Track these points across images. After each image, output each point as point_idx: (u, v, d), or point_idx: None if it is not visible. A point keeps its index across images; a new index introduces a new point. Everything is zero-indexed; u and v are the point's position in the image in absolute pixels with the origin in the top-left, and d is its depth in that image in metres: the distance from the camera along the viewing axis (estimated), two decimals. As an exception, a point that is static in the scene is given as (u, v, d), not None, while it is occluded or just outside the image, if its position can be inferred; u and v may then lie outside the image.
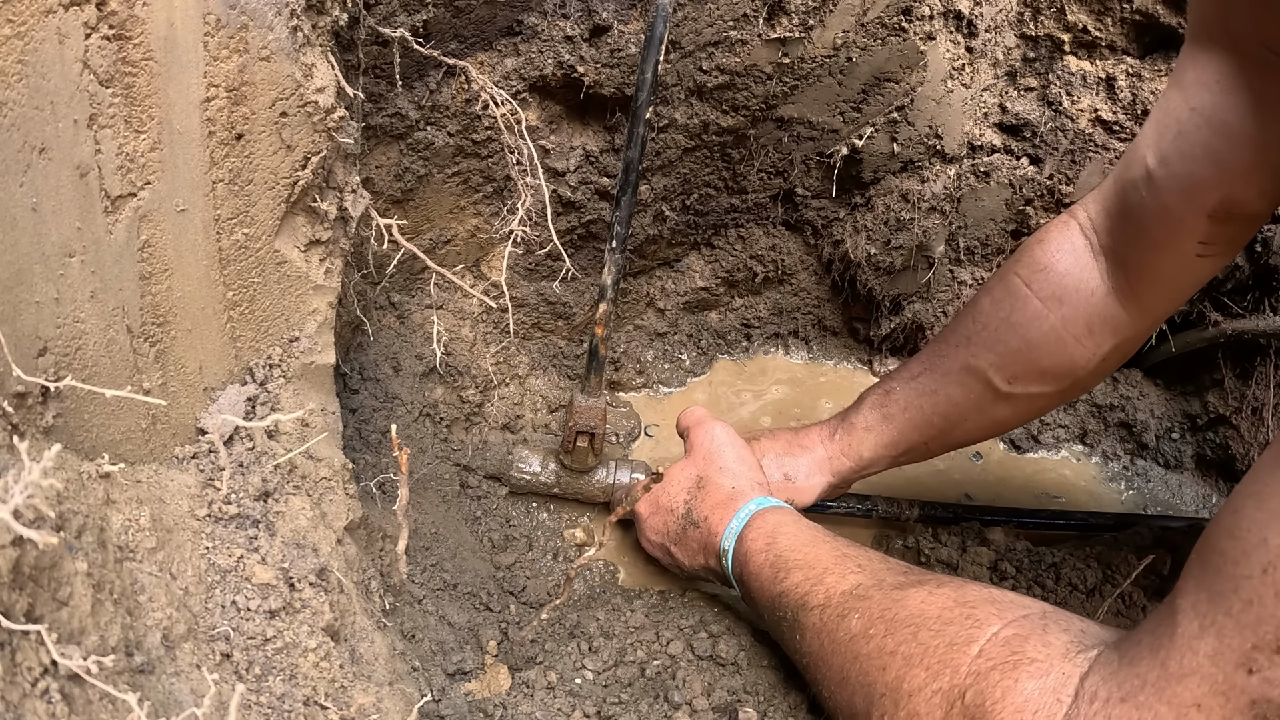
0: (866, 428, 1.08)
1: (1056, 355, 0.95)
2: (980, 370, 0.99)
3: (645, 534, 1.09)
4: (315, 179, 0.68)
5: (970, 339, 1.00)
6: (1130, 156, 0.87)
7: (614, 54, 1.06)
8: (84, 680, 0.41)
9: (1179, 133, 0.81)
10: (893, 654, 0.71)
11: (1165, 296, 0.93)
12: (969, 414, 1.03)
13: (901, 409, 1.06)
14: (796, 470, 1.11)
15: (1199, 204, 0.81)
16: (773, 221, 1.39)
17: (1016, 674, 0.61)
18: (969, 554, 1.13)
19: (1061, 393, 1.00)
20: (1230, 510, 0.54)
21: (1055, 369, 0.96)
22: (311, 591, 0.62)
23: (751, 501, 0.98)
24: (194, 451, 0.66)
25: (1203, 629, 0.52)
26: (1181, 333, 1.32)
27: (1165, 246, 0.86)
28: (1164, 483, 1.40)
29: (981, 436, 1.08)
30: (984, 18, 1.20)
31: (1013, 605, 0.69)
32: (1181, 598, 0.55)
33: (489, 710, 0.86)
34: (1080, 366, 0.96)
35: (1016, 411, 1.03)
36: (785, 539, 0.91)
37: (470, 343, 1.22)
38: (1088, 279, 0.93)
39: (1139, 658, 0.56)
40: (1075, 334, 0.94)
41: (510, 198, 1.15)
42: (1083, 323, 0.94)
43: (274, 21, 0.61)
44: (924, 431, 1.06)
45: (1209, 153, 0.79)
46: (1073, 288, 0.93)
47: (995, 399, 1.00)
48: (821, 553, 0.87)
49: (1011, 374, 0.98)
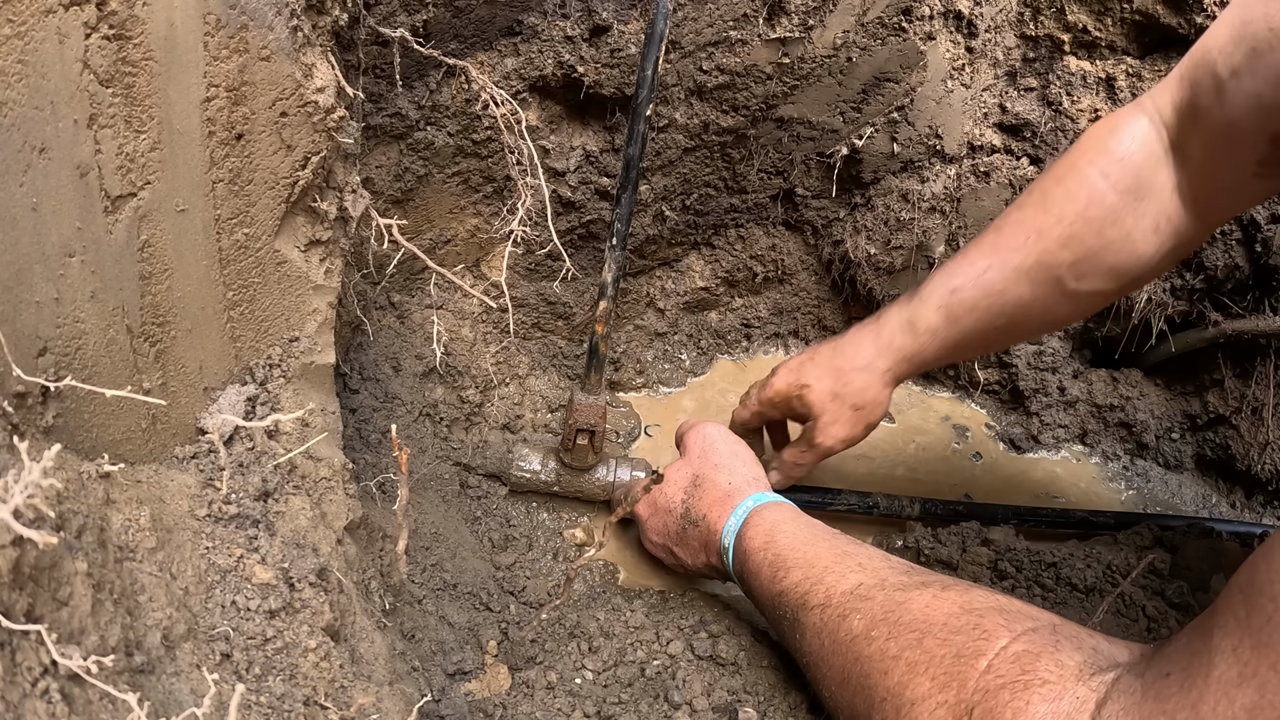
0: (930, 331, 1.01)
1: (1124, 252, 0.91)
2: (1054, 268, 0.93)
3: (647, 535, 1.09)
4: (315, 179, 0.68)
5: (1043, 232, 0.94)
6: (1200, 59, 0.84)
7: (614, 54, 1.06)
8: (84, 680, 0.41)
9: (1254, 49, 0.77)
10: (895, 658, 0.70)
11: (1223, 204, 0.90)
12: (1034, 314, 0.97)
13: (968, 310, 0.98)
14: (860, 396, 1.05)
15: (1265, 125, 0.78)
16: (773, 221, 1.39)
17: (1028, 695, 0.60)
18: (969, 554, 1.13)
19: (1119, 289, 0.96)
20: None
21: (1120, 266, 0.92)
22: (311, 591, 0.62)
23: (749, 498, 0.98)
24: (194, 451, 0.66)
25: (1243, 678, 0.49)
26: (1181, 333, 1.32)
27: (1225, 156, 0.84)
28: (1164, 483, 1.40)
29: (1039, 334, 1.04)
30: (984, 18, 1.20)
31: (1021, 616, 0.67)
32: (1221, 636, 0.51)
33: (489, 710, 0.86)
34: (1143, 264, 0.92)
35: (1076, 309, 0.99)
36: (784, 536, 0.90)
37: (470, 343, 1.22)
38: (1160, 173, 0.89)
39: (1167, 693, 0.53)
40: (1144, 230, 0.90)
41: (510, 198, 1.15)
42: (1152, 218, 0.90)
43: (274, 21, 0.61)
44: (987, 335, 1.00)
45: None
46: (1148, 182, 0.89)
47: (1061, 297, 0.95)
48: (821, 551, 0.86)
49: (1081, 271, 0.93)
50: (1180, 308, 1.31)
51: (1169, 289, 1.30)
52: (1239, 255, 1.23)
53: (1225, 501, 1.37)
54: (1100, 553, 1.12)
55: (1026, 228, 0.95)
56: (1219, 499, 1.37)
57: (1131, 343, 1.36)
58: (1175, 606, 1.03)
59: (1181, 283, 1.29)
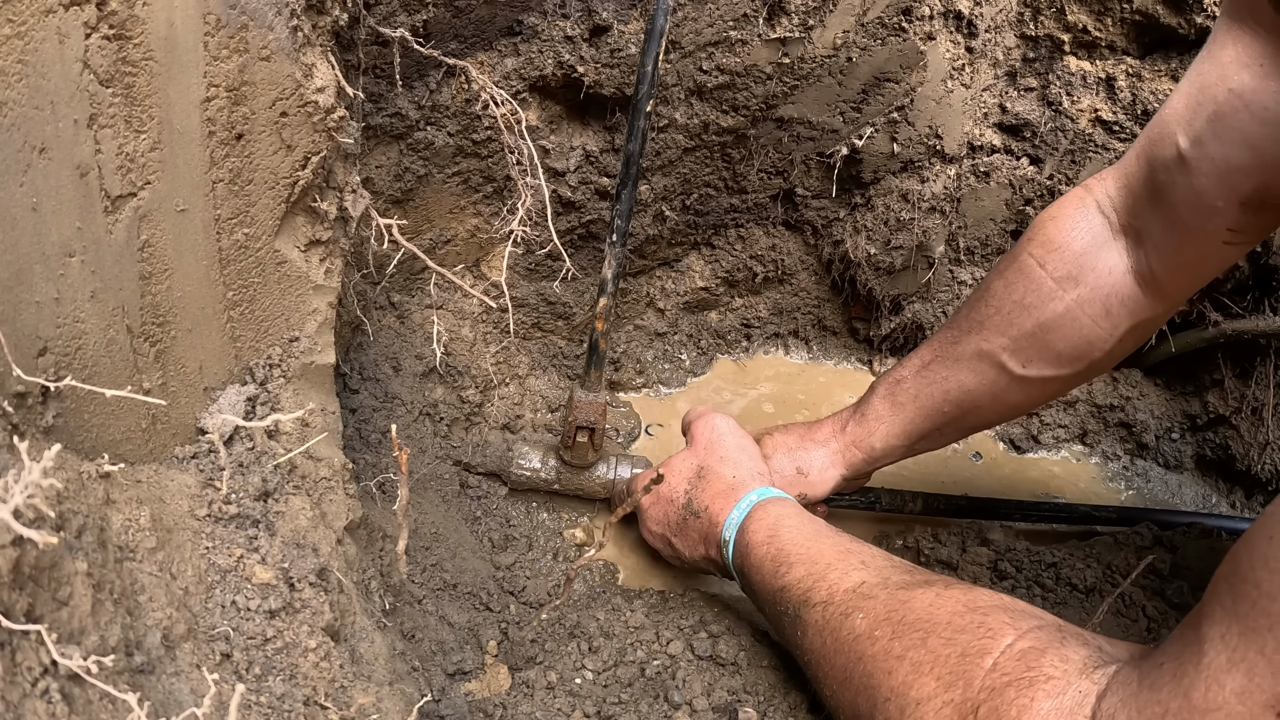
0: (877, 418, 1.06)
1: (1071, 337, 0.92)
2: (993, 355, 0.96)
3: (646, 525, 1.09)
4: (315, 179, 0.68)
5: (983, 323, 0.97)
6: (1158, 133, 0.83)
7: (614, 54, 1.06)
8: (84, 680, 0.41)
9: (1215, 114, 0.77)
10: (900, 658, 0.70)
11: (1187, 280, 0.90)
12: (982, 400, 1.00)
13: (912, 398, 1.03)
14: (809, 464, 1.09)
15: (1234, 190, 0.78)
16: (773, 221, 1.39)
17: (1033, 692, 0.60)
18: (969, 554, 1.13)
19: (1077, 375, 0.97)
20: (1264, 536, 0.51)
21: (1070, 351, 0.93)
22: (311, 591, 0.62)
23: (753, 492, 0.97)
24: (194, 451, 0.66)
25: (1232, 663, 0.50)
26: (1181, 333, 1.32)
27: (1194, 231, 0.83)
28: (1164, 483, 1.40)
29: (995, 421, 1.06)
30: (984, 18, 1.20)
31: (1025, 614, 0.68)
32: (1209, 625, 0.53)
33: (489, 710, 0.86)
34: (1097, 348, 0.93)
35: (1031, 395, 1.00)
36: (788, 532, 0.90)
37: (470, 343, 1.22)
38: (1105, 258, 0.90)
39: (1160, 682, 0.54)
40: (1091, 315, 0.91)
41: (510, 198, 1.15)
42: (1099, 303, 0.91)
43: (274, 21, 0.61)
44: (935, 419, 1.03)
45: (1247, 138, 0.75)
46: (1089, 267, 0.90)
47: (1009, 383, 0.97)
48: (824, 547, 0.86)
49: (1025, 357, 0.95)
50: (1180, 308, 1.31)
51: (1169, 289, 1.30)
52: (1239, 255, 1.23)
53: (1225, 501, 1.37)
54: (1100, 553, 1.12)
55: (969, 319, 0.99)
56: (1219, 499, 1.37)
57: (1131, 343, 1.36)
58: (1175, 606, 1.03)
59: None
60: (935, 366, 1.01)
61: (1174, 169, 0.81)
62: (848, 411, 1.10)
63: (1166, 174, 0.82)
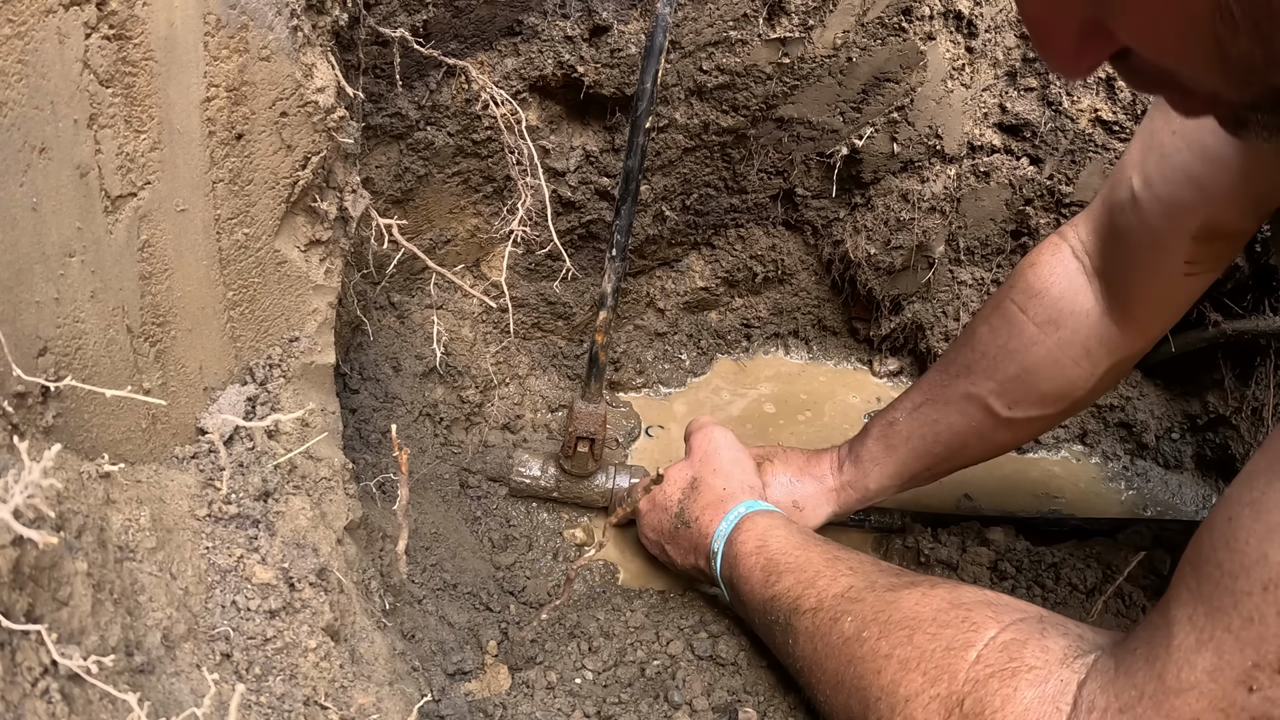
0: (872, 460, 1.08)
1: (1054, 379, 0.96)
2: (980, 398, 1.00)
3: (643, 530, 1.10)
4: (315, 179, 0.68)
5: (970, 368, 1.01)
6: (1117, 178, 0.88)
7: (614, 54, 1.06)
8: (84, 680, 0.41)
9: (1161, 155, 0.81)
10: (887, 657, 0.70)
11: (1158, 315, 0.93)
12: (970, 441, 1.03)
13: (904, 439, 1.06)
14: (805, 497, 1.11)
15: (1182, 226, 0.82)
16: (773, 221, 1.39)
17: (1015, 681, 0.61)
18: (969, 554, 1.13)
19: (1061, 413, 1.01)
20: (1224, 517, 0.53)
21: (1054, 392, 0.97)
22: (311, 591, 0.62)
23: (742, 504, 0.99)
24: (194, 451, 0.66)
25: (1200, 643, 0.52)
26: (1181, 333, 1.32)
27: (1153, 267, 0.87)
28: (1164, 483, 1.40)
29: (983, 459, 1.09)
30: (984, 18, 1.20)
31: (1009, 608, 0.69)
32: (1176, 608, 0.54)
33: (489, 710, 0.86)
34: (1078, 387, 0.96)
35: (1016, 435, 1.04)
36: (776, 542, 0.91)
37: (470, 343, 1.22)
38: (1082, 301, 0.94)
39: (1134, 667, 0.56)
40: (1072, 356, 0.95)
41: (510, 198, 1.15)
42: (1079, 345, 0.94)
43: (274, 21, 0.61)
44: (926, 460, 1.06)
45: (1190, 176, 0.79)
46: (1068, 311, 0.94)
47: (996, 425, 1.01)
48: (813, 556, 0.87)
49: (1011, 400, 0.98)
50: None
51: (1169, 289, 1.30)
52: (1239, 256, 1.23)
53: (1225, 501, 1.37)
54: (1100, 553, 1.12)
55: (956, 364, 1.03)
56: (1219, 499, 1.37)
57: (1131, 343, 1.36)
58: (1175, 606, 1.03)
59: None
60: (926, 409, 1.04)
61: (1129, 211, 0.86)
62: (844, 449, 1.13)
63: (1123, 216, 0.87)
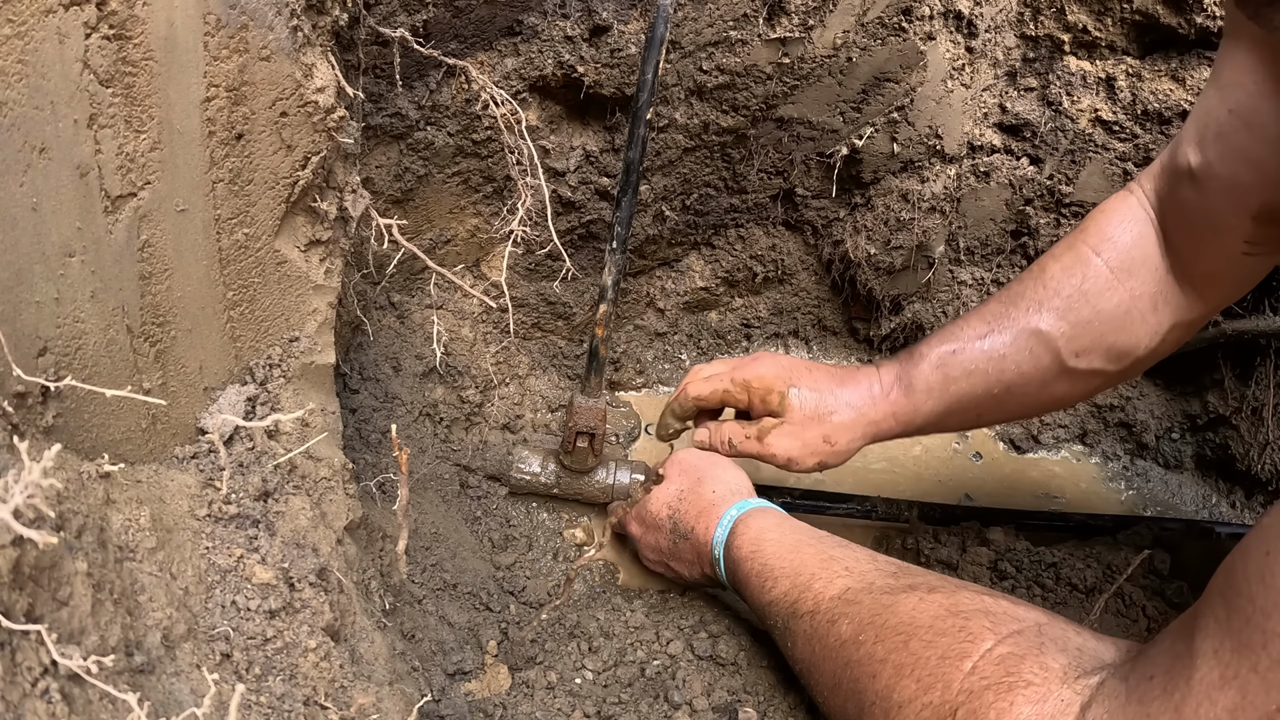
0: (928, 390, 0.99)
1: (1123, 330, 0.92)
2: (1051, 339, 0.94)
3: (644, 554, 1.09)
4: (315, 179, 0.68)
5: (1042, 304, 0.94)
6: (1175, 147, 0.86)
7: (614, 54, 1.06)
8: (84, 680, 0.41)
9: (1218, 134, 0.78)
10: (883, 662, 0.70)
11: (1218, 288, 0.91)
12: (1032, 386, 0.96)
13: (967, 372, 0.97)
14: (837, 431, 1.02)
15: (1242, 206, 0.79)
16: (773, 221, 1.39)
17: (1012, 696, 0.60)
18: (969, 554, 1.13)
19: (1121, 373, 0.96)
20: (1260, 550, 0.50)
21: (1120, 345, 0.93)
22: (311, 591, 0.62)
23: (733, 507, 0.97)
24: (194, 451, 0.66)
25: (1224, 680, 0.49)
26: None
27: (1212, 243, 0.85)
28: (1164, 483, 1.40)
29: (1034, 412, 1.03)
30: (984, 18, 1.20)
31: (1006, 618, 0.68)
32: (1202, 638, 0.52)
33: (489, 710, 0.86)
34: (1143, 345, 0.93)
35: (1074, 389, 0.98)
36: (770, 545, 0.90)
37: (470, 343, 1.22)
38: (1152, 254, 0.91)
39: (1150, 696, 0.53)
40: (1142, 310, 0.91)
41: (510, 198, 1.15)
42: (1149, 298, 0.91)
43: (274, 21, 0.61)
44: (983, 401, 0.98)
45: (1248, 157, 0.76)
46: (1140, 260, 0.91)
47: (1059, 373, 0.95)
48: (807, 558, 0.86)
49: (1080, 346, 0.93)
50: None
51: (1169, 289, 1.30)
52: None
53: (1225, 501, 1.37)
54: (1100, 553, 1.12)
55: (1026, 299, 0.95)
56: (1219, 499, 1.37)
57: (1131, 343, 1.36)
58: (1175, 606, 1.03)
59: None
60: (993, 340, 0.96)
61: (1188, 184, 0.83)
62: (891, 369, 1.02)
63: (1183, 189, 0.84)
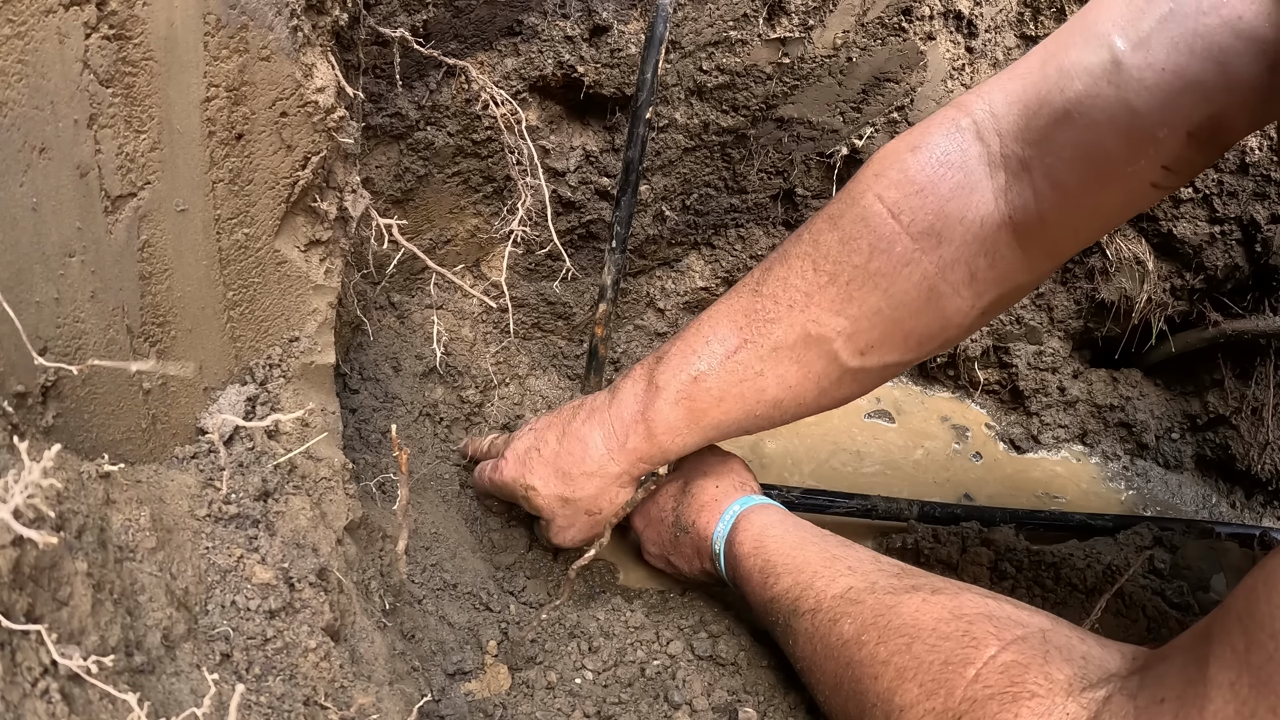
0: (670, 430, 0.84)
1: (925, 313, 0.73)
2: (825, 341, 0.76)
3: (645, 548, 1.08)
4: (315, 179, 0.68)
5: (810, 296, 0.75)
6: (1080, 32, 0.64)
7: (614, 54, 1.06)
8: (84, 680, 0.41)
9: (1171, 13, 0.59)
10: (885, 663, 0.69)
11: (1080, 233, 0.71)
12: (805, 397, 0.81)
13: (716, 400, 0.81)
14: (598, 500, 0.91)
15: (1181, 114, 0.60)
16: (773, 221, 1.39)
17: (1016, 708, 0.59)
18: (969, 554, 1.13)
19: (918, 357, 0.79)
20: None
21: (921, 330, 0.74)
22: (311, 591, 0.62)
23: (736, 501, 0.96)
24: (194, 451, 0.66)
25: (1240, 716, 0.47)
26: (1181, 333, 1.32)
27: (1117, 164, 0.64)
28: (1164, 483, 1.40)
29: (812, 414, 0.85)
30: (984, 18, 1.20)
31: (1010, 622, 0.67)
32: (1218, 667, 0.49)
33: (489, 710, 0.86)
34: (952, 324, 0.74)
35: (861, 387, 0.82)
36: (772, 542, 0.89)
37: (470, 343, 1.22)
38: (975, 204, 0.69)
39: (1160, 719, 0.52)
40: (954, 282, 0.71)
41: (510, 198, 1.15)
42: (964, 267, 0.71)
43: (274, 21, 0.61)
44: (744, 423, 0.85)
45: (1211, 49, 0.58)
46: (955, 218, 0.69)
47: (840, 377, 0.78)
48: (810, 555, 0.85)
49: (866, 343, 0.75)
50: (1180, 308, 1.31)
51: (1169, 289, 1.30)
52: (1239, 255, 1.23)
53: (1225, 501, 1.37)
54: (1100, 553, 1.12)
55: (791, 288, 0.76)
56: (1219, 499, 1.37)
57: (1131, 343, 1.36)
58: (1175, 606, 1.03)
59: (1181, 283, 1.29)
60: (745, 355, 0.79)
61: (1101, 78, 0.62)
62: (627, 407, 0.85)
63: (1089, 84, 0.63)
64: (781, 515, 0.94)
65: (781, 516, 0.94)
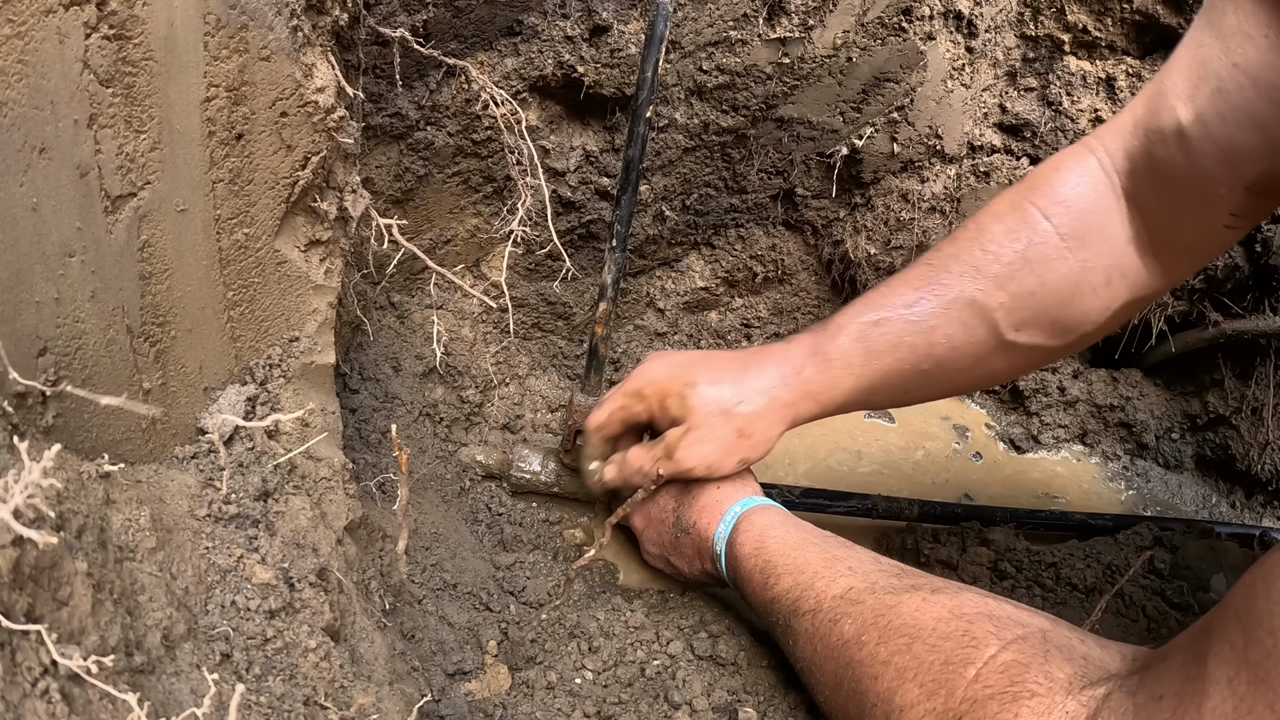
0: (846, 365, 0.88)
1: (1070, 304, 0.83)
2: (988, 310, 0.84)
3: (645, 548, 1.08)
4: (315, 179, 0.68)
5: (979, 270, 0.84)
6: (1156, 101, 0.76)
7: (614, 54, 1.06)
8: (84, 680, 0.41)
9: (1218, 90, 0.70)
10: (885, 664, 0.69)
11: (1186, 261, 0.83)
12: (965, 361, 0.87)
13: (892, 345, 0.87)
14: (753, 421, 0.91)
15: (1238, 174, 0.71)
16: (773, 221, 1.39)
17: (1016, 707, 0.59)
18: (969, 554, 1.13)
19: (1062, 347, 0.87)
20: None
21: (1065, 320, 0.84)
22: (311, 591, 0.62)
23: (737, 503, 0.97)
24: (194, 451, 0.66)
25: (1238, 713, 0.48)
26: (1181, 333, 1.32)
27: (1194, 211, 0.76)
28: (1164, 483, 1.40)
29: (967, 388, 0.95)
30: (984, 18, 1.20)
31: (1010, 622, 0.67)
32: (1216, 663, 0.49)
33: (489, 710, 0.86)
34: (1090, 320, 0.84)
35: (1011, 365, 0.89)
36: (773, 542, 0.89)
37: (470, 343, 1.22)
38: (1110, 221, 0.81)
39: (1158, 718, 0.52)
40: (1094, 283, 0.82)
41: (510, 198, 1.15)
42: (1103, 271, 0.82)
43: (274, 21, 0.61)
44: (910, 377, 0.89)
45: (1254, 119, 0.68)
46: (1095, 229, 0.81)
47: (995, 348, 0.86)
48: (810, 556, 0.85)
49: (1020, 319, 0.84)
50: (1180, 308, 1.31)
51: (1169, 289, 1.30)
52: (1239, 255, 1.23)
53: (1225, 501, 1.37)
54: (1100, 553, 1.12)
55: (960, 262, 0.85)
56: (1219, 499, 1.37)
57: (1131, 343, 1.36)
58: (1175, 606, 1.03)
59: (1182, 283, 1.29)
60: (922, 309, 0.86)
61: (1173, 145, 0.74)
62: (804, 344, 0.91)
63: (1165, 149, 0.75)
64: (782, 516, 0.94)
65: (782, 518, 0.94)
